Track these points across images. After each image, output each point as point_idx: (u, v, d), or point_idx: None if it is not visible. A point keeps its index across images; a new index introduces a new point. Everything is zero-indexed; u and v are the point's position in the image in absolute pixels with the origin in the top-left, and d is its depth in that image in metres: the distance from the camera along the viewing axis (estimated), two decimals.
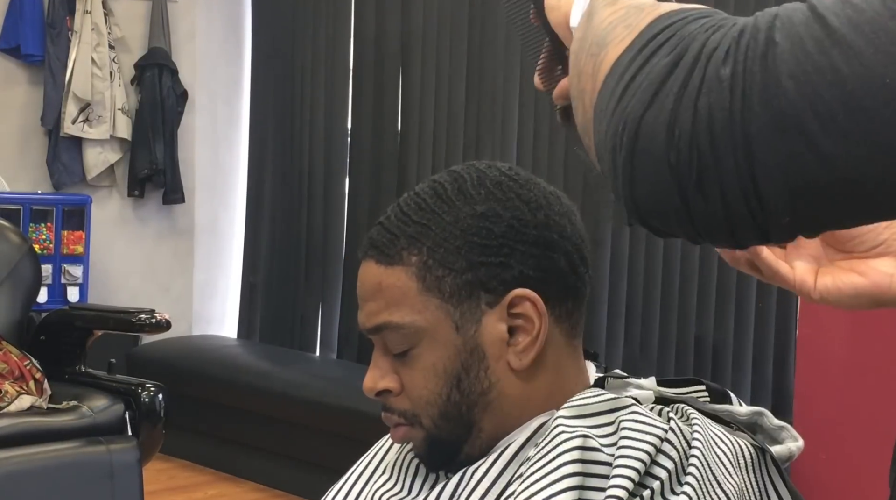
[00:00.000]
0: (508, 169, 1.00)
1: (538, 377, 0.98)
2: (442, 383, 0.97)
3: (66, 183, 4.83)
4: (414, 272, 0.96)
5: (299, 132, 5.11)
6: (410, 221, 0.97)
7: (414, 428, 0.99)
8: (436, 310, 0.96)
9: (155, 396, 3.07)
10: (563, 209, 1.00)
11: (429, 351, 0.97)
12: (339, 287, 4.95)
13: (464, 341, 0.96)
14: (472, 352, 0.96)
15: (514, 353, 0.97)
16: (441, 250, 0.96)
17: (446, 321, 0.96)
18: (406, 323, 0.97)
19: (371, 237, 1.00)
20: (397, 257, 0.97)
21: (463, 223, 0.95)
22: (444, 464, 0.99)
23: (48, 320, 3.33)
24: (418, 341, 0.97)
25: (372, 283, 0.98)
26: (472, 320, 0.96)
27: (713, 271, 3.83)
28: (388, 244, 0.98)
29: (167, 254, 5.26)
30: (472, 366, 0.97)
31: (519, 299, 0.96)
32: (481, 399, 0.97)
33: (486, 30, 4.44)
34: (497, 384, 0.97)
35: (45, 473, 2.89)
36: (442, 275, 0.96)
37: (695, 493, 0.89)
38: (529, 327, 0.96)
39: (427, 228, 0.96)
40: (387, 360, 1.00)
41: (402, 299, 0.97)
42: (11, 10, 4.70)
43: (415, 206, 0.98)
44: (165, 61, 5.00)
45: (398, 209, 0.99)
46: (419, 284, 0.96)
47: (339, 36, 4.97)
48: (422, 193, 0.99)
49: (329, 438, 3.96)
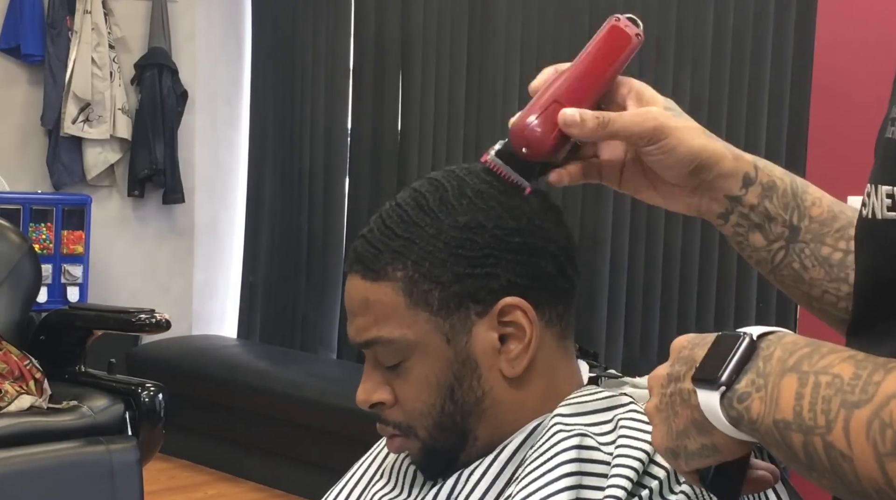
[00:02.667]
0: (488, 174, 0.98)
1: (531, 382, 0.97)
2: (435, 394, 0.96)
3: (66, 183, 4.83)
4: (400, 287, 0.95)
5: (299, 132, 5.11)
6: (394, 234, 0.96)
7: (409, 439, 0.99)
8: (425, 323, 0.95)
9: (155, 396, 3.07)
10: (546, 211, 0.98)
11: (421, 364, 0.96)
12: (339, 287, 4.95)
13: (455, 352, 0.96)
14: (464, 363, 0.96)
15: (506, 361, 0.96)
16: (426, 263, 0.95)
17: (436, 334, 0.96)
18: (396, 338, 0.96)
19: (356, 250, 0.99)
20: (382, 272, 0.96)
21: (446, 236, 0.94)
22: (442, 472, 0.99)
23: (48, 320, 3.33)
24: (410, 354, 0.96)
25: (359, 298, 0.98)
26: (462, 331, 0.96)
27: (713, 271, 3.83)
28: (372, 259, 0.97)
29: (167, 254, 5.26)
30: (465, 376, 0.96)
31: (509, 307, 0.95)
32: (475, 408, 0.96)
33: (486, 30, 4.44)
34: (491, 392, 0.96)
35: (45, 473, 2.89)
36: (429, 288, 0.95)
37: (693, 492, 0.89)
38: (521, 334, 0.96)
39: (411, 241, 0.95)
40: (379, 372, 1.00)
41: (390, 314, 0.96)
42: (11, 10, 4.70)
43: (397, 218, 0.97)
44: (165, 61, 5.00)
45: (381, 222, 0.98)
46: (406, 298, 0.95)
47: (339, 36, 4.97)
48: (404, 205, 0.97)
49: (329, 438, 3.96)
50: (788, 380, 0.67)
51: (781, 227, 0.95)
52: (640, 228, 3.98)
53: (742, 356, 0.70)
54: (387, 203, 1.00)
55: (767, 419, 0.68)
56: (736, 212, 0.95)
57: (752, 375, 0.69)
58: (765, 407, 0.68)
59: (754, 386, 0.69)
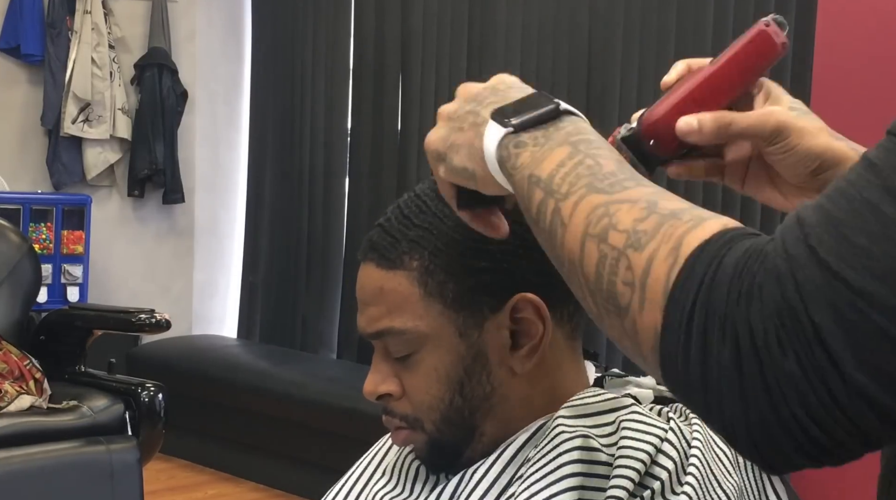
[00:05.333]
0: None
1: (540, 380, 0.97)
2: (444, 388, 0.96)
3: (65, 183, 4.83)
4: (416, 277, 0.95)
5: (299, 132, 5.11)
6: (412, 224, 0.96)
7: (416, 432, 0.98)
8: (438, 316, 0.95)
9: (155, 396, 3.07)
10: None
11: (431, 356, 0.96)
12: (339, 287, 4.95)
13: (467, 346, 0.95)
14: (474, 357, 0.95)
15: (517, 358, 0.96)
16: (443, 255, 0.94)
17: (449, 327, 0.95)
18: (408, 329, 0.95)
19: (371, 239, 0.98)
20: (398, 260, 0.95)
21: (465, 228, 0.93)
22: (446, 467, 0.99)
23: (48, 320, 3.33)
24: (420, 346, 0.96)
25: (373, 287, 0.97)
26: (474, 326, 0.95)
27: None
28: (388, 248, 0.96)
29: (167, 254, 5.26)
30: (475, 371, 0.95)
31: (522, 304, 0.95)
32: (484, 404, 0.96)
33: (486, 30, 4.44)
34: (499, 389, 0.96)
35: (45, 473, 2.89)
36: (444, 280, 0.94)
37: (695, 493, 0.89)
38: (533, 331, 0.95)
39: (429, 232, 0.95)
40: (387, 364, 0.99)
41: (403, 304, 0.95)
42: (11, 9, 4.70)
43: (416, 208, 0.96)
44: (165, 61, 5.00)
45: (399, 212, 0.97)
46: (421, 289, 0.95)
47: (339, 36, 4.97)
48: (423, 195, 0.97)
49: (329, 438, 3.96)
50: (561, 150, 0.74)
51: None
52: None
53: (541, 115, 0.77)
54: (405, 194, 1.00)
55: (525, 171, 0.75)
56: None
57: (539, 133, 0.76)
58: (530, 160, 0.75)
59: (534, 141, 0.76)
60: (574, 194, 0.71)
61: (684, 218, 0.65)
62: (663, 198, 0.68)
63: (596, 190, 0.70)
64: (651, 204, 0.67)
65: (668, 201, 0.67)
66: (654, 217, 0.66)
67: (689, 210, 0.66)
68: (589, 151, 0.74)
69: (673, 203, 0.67)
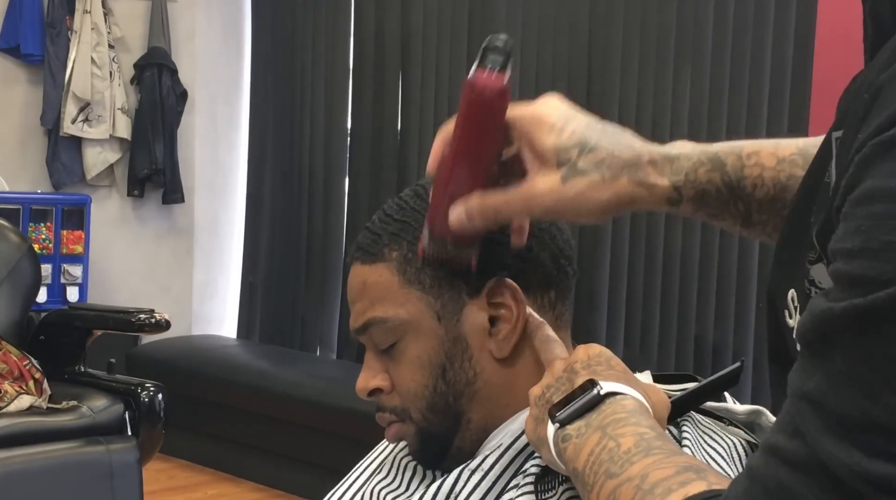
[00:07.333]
0: None
1: (522, 365, 0.99)
2: (428, 374, 0.98)
3: (65, 183, 4.83)
4: (395, 267, 0.98)
5: (299, 132, 5.11)
6: (392, 220, 1.00)
7: (405, 424, 1.00)
8: (417, 302, 0.98)
9: (155, 396, 3.07)
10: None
11: (413, 344, 0.98)
12: (339, 287, 4.95)
13: (446, 331, 0.98)
14: (455, 342, 0.98)
15: (495, 341, 0.98)
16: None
17: (428, 312, 0.98)
18: (389, 316, 0.98)
19: (357, 241, 1.02)
20: (379, 254, 0.99)
21: None
22: (437, 459, 1.00)
23: (48, 320, 3.33)
24: (403, 334, 0.98)
25: (357, 283, 1.01)
26: (453, 311, 0.98)
27: (713, 271, 3.83)
28: (371, 244, 1.00)
29: (167, 254, 5.26)
30: (457, 356, 0.98)
31: (499, 288, 0.97)
32: (467, 389, 0.98)
33: (486, 30, 4.43)
34: (482, 374, 0.98)
35: (45, 473, 2.89)
36: (422, 266, 0.97)
37: None
38: (509, 315, 0.97)
39: (407, 224, 0.99)
40: (377, 361, 1.02)
41: (385, 294, 0.98)
42: (11, 9, 4.70)
43: (396, 207, 1.01)
44: (165, 61, 5.00)
45: (381, 213, 1.02)
46: (400, 277, 0.98)
47: (339, 35, 4.97)
48: (404, 196, 1.02)
49: (329, 438, 3.96)
50: (593, 438, 0.79)
51: (731, 216, 0.93)
52: (640, 228, 3.98)
53: (584, 404, 0.82)
54: (389, 200, 1.04)
55: (570, 465, 0.81)
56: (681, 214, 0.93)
57: (582, 423, 0.81)
58: (573, 454, 0.80)
59: (577, 433, 0.81)
60: (596, 485, 0.76)
61: (657, 492, 0.70)
62: (658, 467, 0.72)
63: (610, 475, 0.75)
64: (642, 479, 0.72)
65: (659, 471, 0.72)
66: (639, 495, 0.71)
67: (670, 479, 0.70)
68: (615, 432, 0.79)
69: (662, 471, 0.72)
